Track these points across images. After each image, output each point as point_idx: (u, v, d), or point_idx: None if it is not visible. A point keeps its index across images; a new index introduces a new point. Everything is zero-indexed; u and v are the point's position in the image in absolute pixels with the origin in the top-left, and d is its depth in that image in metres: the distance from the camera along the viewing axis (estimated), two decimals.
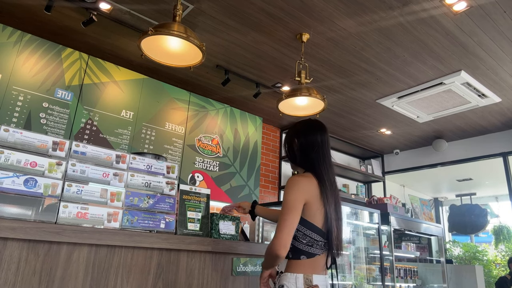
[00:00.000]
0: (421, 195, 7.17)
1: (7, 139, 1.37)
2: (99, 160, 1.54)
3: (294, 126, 1.68)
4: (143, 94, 3.56)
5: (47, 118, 2.97)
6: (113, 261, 1.39)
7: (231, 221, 1.88)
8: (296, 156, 1.60)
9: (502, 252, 6.93)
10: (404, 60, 3.36)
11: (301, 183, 1.46)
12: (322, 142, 1.58)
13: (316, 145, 1.57)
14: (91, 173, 1.50)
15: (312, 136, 1.58)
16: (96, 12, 2.86)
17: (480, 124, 4.69)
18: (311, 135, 1.58)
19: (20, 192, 1.32)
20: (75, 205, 1.42)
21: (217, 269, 1.69)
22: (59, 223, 1.35)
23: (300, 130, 1.62)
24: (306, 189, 1.45)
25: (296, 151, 1.60)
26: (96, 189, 1.49)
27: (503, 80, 3.60)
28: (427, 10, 2.68)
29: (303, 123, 1.66)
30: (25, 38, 2.96)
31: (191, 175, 3.74)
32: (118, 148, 3.30)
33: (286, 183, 1.50)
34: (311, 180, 1.49)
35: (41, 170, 1.38)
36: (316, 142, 1.57)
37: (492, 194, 7.45)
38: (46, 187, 1.37)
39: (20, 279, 1.19)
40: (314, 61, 3.43)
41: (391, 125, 4.93)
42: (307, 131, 1.60)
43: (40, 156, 1.40)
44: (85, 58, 3.26)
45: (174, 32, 2.11)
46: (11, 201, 1.30)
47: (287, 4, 2.69)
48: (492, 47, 3.09)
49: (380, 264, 3.73)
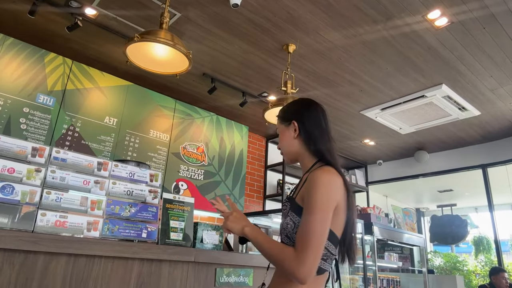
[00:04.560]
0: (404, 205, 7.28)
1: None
2: (80, 167, 1.51)
3: (289, 107, 1.38)
4: (127, 101, 3.52)
5: (27, 124, 2.90)
6: (92, 272, 1.35)
7: (215, 231, 1.86)
8: (300, 143, 1.29)
9: (482, 262, 7.06)
10: (388, 73, 3.43)
11: (333, 181, 1.13)
12: (328, 125, 1.30)
13: (324, 128, 1.28)
14: (71, 180, 1.46)
15: (317, 116, 1.30)
16: (81, 17, 2.83)
17: (460, 137, 4.81)
18: (315, 115, 1.30)
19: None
20: (53, 213, 1.38)
21: (199, 280, 1.67)
22: (36, 232, 1.31)
23: (301, 110, 1.31)
24: (336, 189, 1.14)
25: (297, 137, 1.29)
26: (76, 197, 1.45)
27: (482, 94, 3.71)
28: (410, 25, 2.75)
29: (301, 102, 1.36)
30: (7, 41, 2.89)
31: (175, 184, 3.70)
32: (100, 155, 3.24)
33: (313, 180, 1.13)
34: (338, 176, 1.16)
35: (19, 177, 1.34)
36: (323, 123, 1.29)
37: (472, 205, 7.62)
38: (23, 194, 1.33)
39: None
40: (300, 72, 3.47)
41: (374, 136, 5.00)
42: (310, 110, 1.32)
43: (19, 162, 1.36)
44: (69, 63, 3.21)
45: (160, 39, 2.10)
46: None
47: (274, 15, 2.72)
48: (472, 62, 3.19)
49: (364, 274, 3.74)
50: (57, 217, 1.38)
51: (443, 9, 2.57)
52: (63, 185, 1.44)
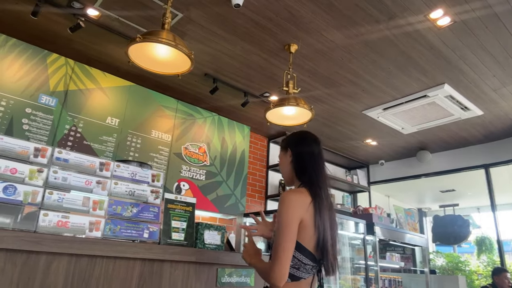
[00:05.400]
0: (406, 205, 7.26)
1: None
2: (82, 167, 1.51)
3: (287, 138, 1.63)
4: (129, 101, 3.53)
5: (29, 124, 2.91)
6: (93, 272, 1.35)
7: (216, 231, 1.86)
8: (292, 168, 1.54)
9: (484, 262, 7.03)
10: (390, 73, 3.43)
11: (294, 200, 1.36)
12: (318, 153, 1.54)
13: (312, 156, 1.52)
14: (73, 180, 1.47)
15: (308, 146, 1.54)
16: (83, 18, 2.84)
17: (462, 137, 4.79)
18: (306, 146, 1.54)
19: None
20: (55, 213, 1.38)
21: (201, 280, 1.67)
22: (38, 232, 1.31)
23: (295, 141, 1.58)
24: (300, 206, 1.35)
25: (290, 163, 1.54)
26: (78, 197, 1.45)
27: (485, 93, 3.70)
28: (412, 24, 2.74)
29: (297, 134, 1.61)
30: (9, 42, 2.90)
31: (177, 184, 3.70)
32: (102, 156, 3.24)
33: (279, 201, 1.39)
34: (306, 196, 1.40)
35: (21, 177, 1.35)
36: (312, 153, 1.53)
37: (474, 205, 7.59)
38: (26, 194, 1.34)
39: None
40: (302, 72, 3.47)
41: (376, 136, 4.99)
42: (302, 141, 1.56)
43: (21, 163, 1.37)
44: (71, 64, 3.21)
45: (162, 39, 2.10)
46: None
47: (276, 15, 2.72)
48: (474, 61, 3.18)
49: (365, 274, 3.74)
50: (59, 217, 1.38)
51: (445, 9, 2.57)
52: (65, 185, 1.44)
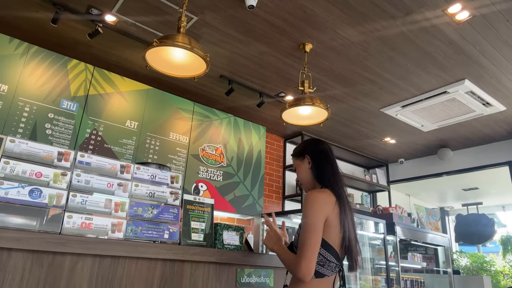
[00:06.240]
0: (427, 204, 7.11)
1: (13, 149, 1.38)
2: (103, 170, 1.55)
3: (303, 146, 1.69)
4: (147, 105, 3.59)
5: (52, 129, 2.99)
6: (116, 272, 1.38)
7: (235, 232, 1.87)
8: (311, 174, 1.59)
9: (510, 262, 6.82)
10: (407, 69, 3.37)
11: (321, 198, 1.42)
12: (333, 157, 1.62)
13: (329, 160, 1.59)
14: (95, 183, 1.51)
15: (324, 151, 1.62)
16: (101, 24, 2.90)
17: (485, 133, 4.66)
18: (323, 151, 1.62)
19: (25, 202, 1.32)
20: (79, 215, 1.42)
21: (221, 280, 1.68)
22: (63, 234, 1.35)
23: (312, 147, 1.65)
24: (327, 205, 1.41)
25: (310, 169, 1.60)
26: (100, 199, 1.49)
27: (507, 88, 3.59)
28: (430, 19, 2.69)
29: (312, 141, 1.69)
30: (31, 50, 3.00)
31: (195, 185, 3.74)
32: (122, 158, 3.31)
33: (305, 200, 1.45)
34: (330, 195, 1.46)
35: (46, 181, 1.39)
36: (328, 156, 1.60)
37: (499, 203, 7.36)
38: (50, 197, 1.38)
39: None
40: (317, 71, 3.45)
41: (395, 134, 4.91)
42: (318, 147, 1.64)
43: (45, 167, 1.41)
44: (91, 69, 3.30)
45: (178, 43, 2.13)
46: (16, 211, 1.30)
47: (290, 15, 2.72)
48: (495, 55, 3.09)
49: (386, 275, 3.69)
50: (83, 219, 1.42)
51: (464, 3, 2.51)
52: (88, 188, 1.48)
